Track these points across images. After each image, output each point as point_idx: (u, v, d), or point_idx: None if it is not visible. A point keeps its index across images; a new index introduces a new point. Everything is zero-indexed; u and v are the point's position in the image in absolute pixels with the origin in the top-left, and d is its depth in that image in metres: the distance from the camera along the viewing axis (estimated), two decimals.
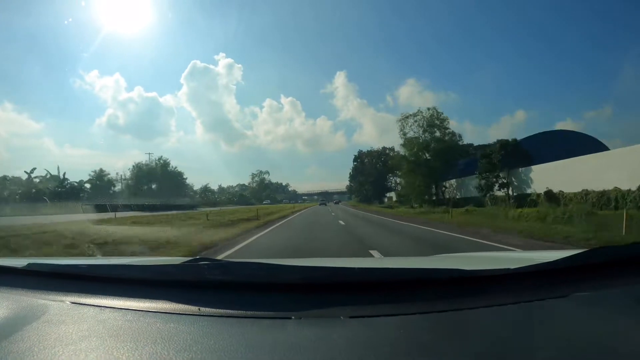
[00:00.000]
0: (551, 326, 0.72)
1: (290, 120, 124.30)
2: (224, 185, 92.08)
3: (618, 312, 0.77)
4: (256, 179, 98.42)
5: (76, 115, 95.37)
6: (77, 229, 9.65)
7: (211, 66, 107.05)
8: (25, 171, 44.80)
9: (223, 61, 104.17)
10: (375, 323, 0.76)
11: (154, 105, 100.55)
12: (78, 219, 15.11)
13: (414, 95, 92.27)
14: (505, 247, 7.08)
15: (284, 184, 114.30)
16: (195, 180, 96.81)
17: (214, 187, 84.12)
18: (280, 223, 16.21)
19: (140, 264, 1.25)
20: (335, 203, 74.23)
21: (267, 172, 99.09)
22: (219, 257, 5.81)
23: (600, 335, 0.69)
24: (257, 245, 8.33)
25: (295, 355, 0.64)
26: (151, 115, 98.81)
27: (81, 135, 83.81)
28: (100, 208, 24.71)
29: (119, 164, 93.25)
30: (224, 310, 0.81)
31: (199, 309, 0.82)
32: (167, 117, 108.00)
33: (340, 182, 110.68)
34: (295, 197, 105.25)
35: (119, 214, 19.66)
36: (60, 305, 0.87)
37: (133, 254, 6.42)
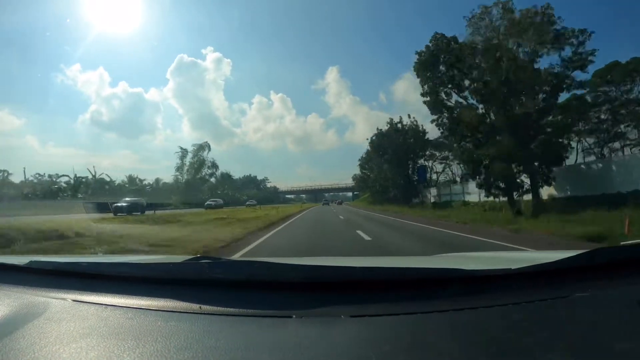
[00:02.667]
0: (552, 326, 0.72)
1: (281, 118, 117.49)
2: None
3: (619, 314, 0.77)
4: (188, 159, 55.50)
5: (59, 111, 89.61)
6: None
7: (199, 61, 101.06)
8: None
9: (211, 55, 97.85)
10: (377, 322, 0.76)
11: (140, 102, 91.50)
12: None
13: (410, 92, 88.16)
14: None
15: (258, 177, 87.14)
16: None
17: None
18: None
19: (142, 262, 1.25)
20: (338, 203, 62.52)
21: (208, 145, 57.54)
22: None
23: (601, 336, 0.69)
24: None
25: (296, 354, 0.64)
26: (136, 112, 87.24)
27: (65, 132, 78.56)
28: None
29: (105, 163, 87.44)
30: (225, 309, 0.81)
31: (200, 307, 0.82)
32: (153, 114, 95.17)
33: (332, 180, 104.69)
34: (278, 196, 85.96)
35: None
36: (61, 303, 0.88)
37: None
